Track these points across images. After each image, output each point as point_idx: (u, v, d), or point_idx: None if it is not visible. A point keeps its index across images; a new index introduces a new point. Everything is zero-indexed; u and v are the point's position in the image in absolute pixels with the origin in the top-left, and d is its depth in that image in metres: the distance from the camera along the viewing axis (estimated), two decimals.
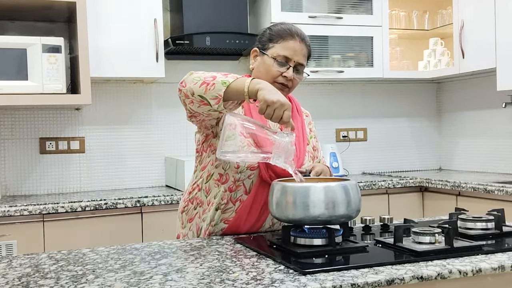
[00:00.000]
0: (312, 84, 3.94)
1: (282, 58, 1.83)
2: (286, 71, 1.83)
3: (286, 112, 1.55)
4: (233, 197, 1.81)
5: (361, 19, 3.70)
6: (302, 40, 1.86)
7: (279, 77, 1.83)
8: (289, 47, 1.83)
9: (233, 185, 1.80)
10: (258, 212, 1.81)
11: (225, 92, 1.62)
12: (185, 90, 1.71)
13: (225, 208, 1.82)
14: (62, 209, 2.79)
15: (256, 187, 1.80)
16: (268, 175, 1.78)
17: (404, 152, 4.23)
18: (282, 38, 1.84)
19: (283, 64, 1.83)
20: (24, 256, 1.58)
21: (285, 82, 1.84)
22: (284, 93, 1.85)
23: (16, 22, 3.22)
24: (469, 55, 3.51)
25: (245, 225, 1.82)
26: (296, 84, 1.88)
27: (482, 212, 1.80)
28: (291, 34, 1.84)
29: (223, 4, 3.37)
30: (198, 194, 1.88)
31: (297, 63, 1.84)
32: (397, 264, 1.35)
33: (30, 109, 3.29)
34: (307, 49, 1.88)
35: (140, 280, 1.27)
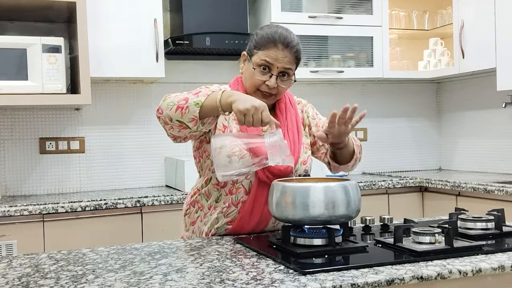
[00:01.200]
0: (312, 84, 3.94)
1: (264, 66, 1.79)
2: (269, 79, 1.79)
3: (263, 114, 1.55)
4: (234, 200, 1.81)
5: (361, 19, 3.70)
6: (286, 46, 1.78)
7: (262, 86, 1.80)
8: (271, 55, 1.78)
9: (232, 188, 1.80)
10: (260, 212, 1.80)
11: (200, 112, 1.62)
12: (163, 117, 1.70)
13: (227, 212, 1.82)
14: (62, 209, 2.79)
15: (255, 187, 1.79)
16: (265, 176, 1.78)
17: (404, 152, 4.23)
18: (264, 46, 1.79)
19: (265, 73, 1.79)
20: (24, 256, 1.58)
21: (268, 91, 1.80)
22: (269, 100, 1.83)
23: (16, 22, 3.22)
24: (469, 55, 3.51)
25: (249, 225, 1.82)
26: (282, 90, 1.84)
27: (482, 212, 1.80)
28: (274, 41, 1.78)
29: (223, 4, 3.37)
30: (199, 198, 1.88)
31: (281, 69, 1.79)
32: (397, 264, 1.35)
33: (30, 109, 3.29)
34: (292, 55, 1.80)
35: (140, 280, 1.27)
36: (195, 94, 1.66)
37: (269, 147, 1.59)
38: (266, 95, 1.81)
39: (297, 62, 1.85)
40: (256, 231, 1.84)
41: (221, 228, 1.83)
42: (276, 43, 1.78)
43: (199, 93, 1.66)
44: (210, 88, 1.76)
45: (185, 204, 1.98)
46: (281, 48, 1.78)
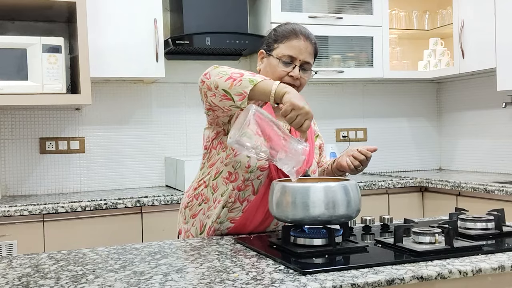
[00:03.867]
0: (312, 84, 3.94)
1: (287, 58, 1.83)
2: (292, 70, 1.82)
3: (307, 122, 1.56)
4: (241, 196, 1.80)
5: (361, 19, 3.70)
6: (307, 38, 1.85)
7: (285, 77, 1.83)
8: (294, 46, 1.83)
9: (242, 184, 1.79)
10: (264, 213, 1.80)
11: (251, 90, 1.61)
12: (208, 82, 1.69)
13: (232, 207, 1.81)
14: (62, 209, 2.79)
15: (265, 188, 1.79)
16: (278, 177, 1.77)
17: (404, 152, 4.23)
18: (286, 38, 1.84)
19: (289, 64, 1.83)
20: (24, 256, 1.58)
21: (292, 82, 1.82)
22: None
23: (16, 22, 3.22)
24: (469, 55, 3.51)
25: (251, 224, 1.82)
26: (304, 83, 1.87)
27: (482, 212, 1.80)
28: (295, 33, 1.84)
29: (223, 4, 3.37)
30: (204, 191, 1.87)
31: (303, 62, 1.84)
32: (397, 264, 1.35)
33: (30, 109, 3.29)
34: (313, 47, 1.87)
35: (140, 280, 1.27)
36: (251, 73, 1.66)
37: (289, 151, 1.58)
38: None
39: (315, 56, 1.90)
40: (257, 231, 1.84)
41: (224, 224, 1.82)
42: (298, 35, 1.84)
43: (256, 74, 1.66)
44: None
45: (185, 197, 1.96)
46: (303, 39, 1.84)
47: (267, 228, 1.85)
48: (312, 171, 1.90)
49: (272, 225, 1.85)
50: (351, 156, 1.90)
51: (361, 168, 1.90)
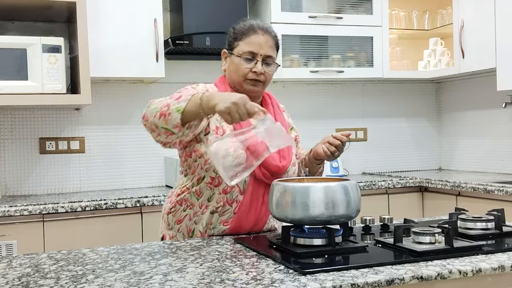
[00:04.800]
0: (312, 84, 3.94)
1: (248, 54, 1.84)
2: (255, 66, 1.83)
3: (247, 106, 1.55)
4: (229, 198, 1.80)
5: (361, 19, 3.70)
6: (266, 32, 1.86)
7: (249, 74, 1.84)
8: (253, 42, 1.84)
9: (227, 187, 1.79)
10: (258, 211, 1.81)
11: (182, 118, 1.61)
12: (149, 124, 1.70)
13: (222, 211, 1.81)
14: (62, 209, 2.79)
15: (251, 186, 1.79)
16: (262, 173, 1.79)
17: (404, 152, 4.23)
18: (245, 35, 1.85)
19: (251, 60, 1.84)
20: (24, 256, 1.58)
21: (256, 78, 1.84)
22: (259, 88, 1.87)
23: (16, 22, 3.22)
24: (469, 55, 3.51)
25: (246, 224, 1.82)
26: (269, 77, 1.87)
27: (482, 212, 1.80)
28: (253, 28, 1.85)
29: (223, 4, 3.37)
30: (188, 197, 1.86)
31: (264, 56, 1.84)
32: (397, 264, 1.35)
33: (30, 109, 3.29)
34: (273, 40, 1.88)
35: (140, 280, 1.27)
36: (177, 99, 1.64)
37: (264, 135, 1.58)
38: (254, 83, 1.85)
39: (277, 49, 1.92)
40: (254, 231, 1.84)
41: (217, 229, 1.82)
42: (256, 30, 1.85)
43: (180, 98, 1.64)
44: (195, 88, 1.78)
45: (167, 203, 1.95)
46: (261, 33, 1.85)
47: (265, 226, 1.85)
48: (293, 164, 1.90)
49: (269, 223, 1.86)
50: (326, 142, 1.90)
51: (337, 154, 1.90)
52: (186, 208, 1.87)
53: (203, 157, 1.79)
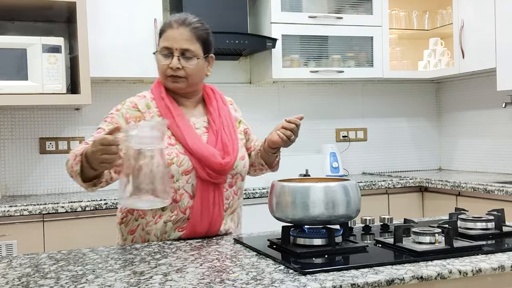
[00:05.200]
0: (312, 84, 3.94)
1: (164, 50, 1.80)
2: (171, 61, 1.78)
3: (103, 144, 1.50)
4: (182, 207, 1.76)
5: (361, 19, 3.70)
6: (181, 24, 1.80)
7: (167, 70, 1.79)
8: (168, 37, 1.80)
9: (176, 195, 1.74)
10: (210, 213, 1.76)
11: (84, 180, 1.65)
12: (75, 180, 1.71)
13: (176, 219, 1.76)
14: (62, 209, 2.79)
15: (200, 189, 1.75)
16: (206, 173, 1.74)
17: (404, 152, 4.23)
18: (163, 31, 1.83)
19: (168, 56, 1.79)
20: (24, 256, 1.58)
21: (174, 73, 1.79)
22: (181, 85, 1.81)
23: (16, 22, 3.22)
24: (469, 55, 3.51)
25: (201, 228, 1.77)
26: (191, 72, 1.80)
27: (482, 212, 1.80)
28: (169, 23, 1.81)
29: (223, 4, 3.37)
30: None
31: (181, 50, 1.78)
32: (397, 264, 1.35)
33: (30, 109, 3.29)
34: (191, 32, 1.80)
35: (140, 280, 1.27)
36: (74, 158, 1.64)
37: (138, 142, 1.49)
38: (174, 79, 1.80)
39: (202, 41, 1.82)
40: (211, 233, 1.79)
41: (173, 236, 1.77)
42: (172, 24, 1.81)
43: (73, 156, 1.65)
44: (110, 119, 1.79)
45: (118, 211, 1.89)
46: (176, 26, 1.80)
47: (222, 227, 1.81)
48: (240, 158, 1.85)
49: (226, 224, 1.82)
50: (280, 128, 1.86)
51: (293, 138, 1.86)
52: (137, 217, 1.81)
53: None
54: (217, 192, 1.78)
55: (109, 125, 1.74)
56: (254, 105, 3.75)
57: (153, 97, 1.85)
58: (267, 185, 3.17)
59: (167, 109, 1.79)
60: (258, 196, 3.13)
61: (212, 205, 1.77)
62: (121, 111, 1.82)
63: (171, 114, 1.79)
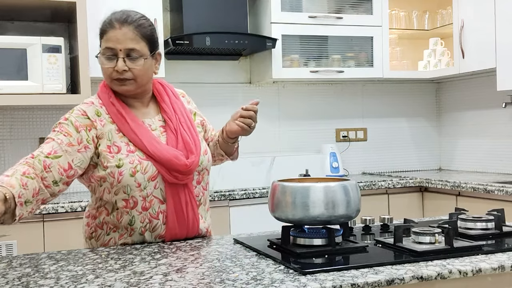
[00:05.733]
0: (312, 84, 3.94)
1: (107, 52, 1.68)
2: (116, 64, 1.67)
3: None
4: (153, 213, 1.69)
5: (361, 19, 3.70)
6: (123, 23, 1.68)
7: (113, 74, 1.68)
8: (110, 38, 1.67)
9: (144, 203, 1.67)
10: (185, 214, 1.73)
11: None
12: None
13: (152, 227, 1.70)
14: (62, 209, 2.79)
15: (170, 193, 1.70)
16: (172, 176, 1.68)
17: (404, 152, 4.23)
18: (104, 32, 1.70)
19: (112, 59, 1.67)
20: (24, 256, 1.58)
21: (121, 76, 1.67)
22: (129, 87, 1.70)
23: (16, 22, 3.22)
24: (469, 55, 3.51)
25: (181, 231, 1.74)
26: (139, 73, 1.69)
27: (482, 212, 1.80)
28: (110, 23, 1.69)
29: (223, 4, 3.37)
30: (108, 219, 1.72)
31: (126, 50, 1.67)
32: (397, 264, 1.35)
33: (30, 109, 3.29)
34: (134, 32, 1.68)
35: (140, 280, 1.27)
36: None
37: None
38: (121, 82, 1.69)
39: (147, 38, 1.72)
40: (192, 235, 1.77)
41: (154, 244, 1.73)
42: (113, 24, 1.69)
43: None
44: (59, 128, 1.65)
45: (85, 225, 1.81)
46: (118, 26, 1.68)
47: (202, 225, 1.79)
48: (204, 152, 1.79)
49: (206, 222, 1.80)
50: (239, 118, 1.78)
51: (254, 125, 1.79)
52: (109, 231, 1.73)
53: (107, 180, 1.66)
54: (187, 192, 1.73)
55: (58, 134, 1.62)
56: None
57: (101, 103, 1.73)
58: (267, 185, 3.19)
59: (119, 114, 1.69)
60: (258, 196, 3.13)
61: (185, 205, 1.72)
62: (70, 119, 1.67)
63: (124, 120, 1.69)
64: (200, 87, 3.62)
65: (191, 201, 1.74)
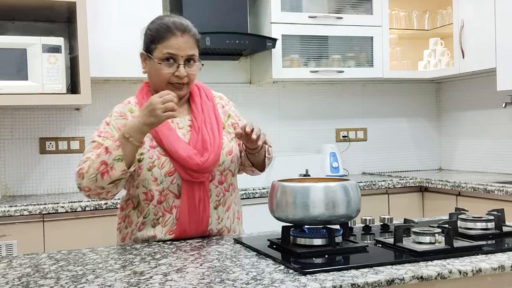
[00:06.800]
0: (312, 84, 3.94)
1: (168, 58, 1.77)
2: (177, 70, 1.77)
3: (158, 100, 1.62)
4: (166, 207, 1.76)
5: (361, 19, 3.70)
6: (184, 32, 1.77)
7: (171, 78, 1.78)
8: (172, 45, 1.76)
9: (160, 197, 1.75)
10: (198, 212, 1.76)
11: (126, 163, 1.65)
12: (93, 192, 1.70)
13: (164, 221, 1.76)
14: (62, 209, 2.79)
15: (185, 189, 1.75)
16: (187, 174, 1.73)
17: (404, 152, 4.23)
18: (163, 38, 1.77)
19: (171, 64, 1.77)
20: (24, 256, 1.58)
21: (180, 81, 1.78)
22: (183, 91, 1.81)
23: (16, 22, 3.22)
24: (469, 55, 3.51)
25: (190, 228, 1.77)
26: (193, 78, 1.82)
27: (482, 212, 1.80)
28: (171, 30, 1.77)
29: (223, 4, 3.37)
30: (131, 213, 1.82)
31: (186, 57, 1.77)
32: (397, 264, 1.35)
33: (30, 109, 3.29)
34: (193, 39, 1.80)
35: (140, 280, 1.27)
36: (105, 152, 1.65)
37: None
38: (178, 86, 1.79)
39: (198, 45, 1.84)
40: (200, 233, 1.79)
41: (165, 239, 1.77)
42: (174, 31, 1.77)
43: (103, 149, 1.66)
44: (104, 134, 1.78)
45: (118, 217, 1.92)
46: (180, 34, 1.77)
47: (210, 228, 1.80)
48: (228, 152, 1.82)
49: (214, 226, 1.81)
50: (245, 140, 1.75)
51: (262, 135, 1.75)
52: (127, 225, 1.84)
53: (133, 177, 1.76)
54: (202, 190, 1.76)
55: (104, 140, 1.74)
56: (254, 105, 3.75)
57: (136, 102, 1.86)
58: (267, 185, 3.19)
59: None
60: (258, 196, 3.13)
61: (198, 202, 1.76)
62: (112, 124, 1.81)
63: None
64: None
65: (205, 199, 1.78)
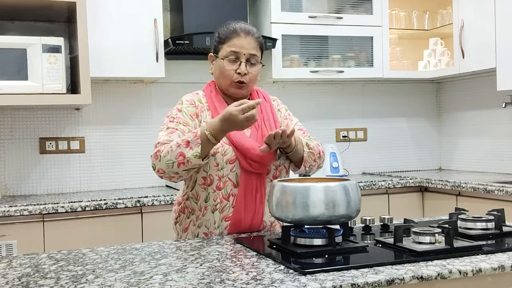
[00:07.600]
0: (312, 84, 3.94)
1: (231, 55, 1.90)
2: (239, 67, 1.90)
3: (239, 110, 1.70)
4: (224, 194, 1.85)
5: (361, 19, 3.70)
6: (248, 33, 1.92)
7: (234, 76, 1.90)
8: (236, 44, 1.90)
9: (219, 183, 1.85)
10: (253, 202, 1.85)
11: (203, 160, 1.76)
12: (167, 176, 1.80)
13: (222, 208, 1.85)
14: (62, 209, 2.79)
15: (243, 178, 1.85)
16: (248, 164, 1.84)
17: (404, 152, 4.23)
18: (228, 38, 1.92)
19: (235, 61, 1.90)
20: (24, 256, 1.58)
21: (241, 79, 1.90)
22: (243, 90, 1.94)
23: (16, 22, 3.22)
24: (469, 55, 3.51)
25: (246, 218, 1.85)
26: (253, 78, 1.93)
27: (482, 212, 1.80)
28: (235, 31, 1.92)
29: (223, 4, 3.37)
30: (188, 203, 1.94)
31: (248, 55, 1.90)
32: (397, 264, 1.35)
33: (30, 109, 3.29)
34: (256, 41, 1.94)
35: (140, 280, 1.27)
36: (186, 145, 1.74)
37: None
38: (239, 85, 1.91)
39: (261, 50, 1.98)
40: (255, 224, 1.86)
41: (221, 226, 1.86)
42: (238, 33, 1.92)
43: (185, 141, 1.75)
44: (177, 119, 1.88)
45: (173, 212, 2.03)
46: (243, 35, 1.91)
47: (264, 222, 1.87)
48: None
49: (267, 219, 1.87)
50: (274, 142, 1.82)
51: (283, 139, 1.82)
52: (189, 214, 1.94)
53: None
54: (259, 181, 1.87)
55: (178, 125, 1.87)
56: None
57: (204, 94, 2.00)
58: None
59: (214, 107, 1.93)
60: None
61: (254, 193, 1.85)
62: (184, 111, 1.93)
63: (216, 111, 1.90)
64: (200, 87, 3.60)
65: (261, 190, 1.87)
